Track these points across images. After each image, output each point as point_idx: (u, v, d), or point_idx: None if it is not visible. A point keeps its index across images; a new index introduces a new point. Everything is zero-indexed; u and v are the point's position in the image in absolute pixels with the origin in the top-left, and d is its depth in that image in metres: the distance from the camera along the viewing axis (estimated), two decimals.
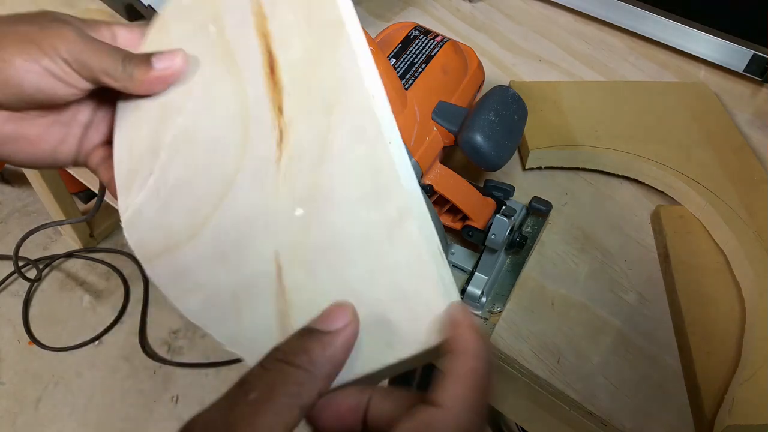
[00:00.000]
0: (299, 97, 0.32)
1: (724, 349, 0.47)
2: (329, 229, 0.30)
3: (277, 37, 0.33)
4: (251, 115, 0.33)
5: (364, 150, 0.30)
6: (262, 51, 0.33)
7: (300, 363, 0.26)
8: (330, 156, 0.30)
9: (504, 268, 0.52)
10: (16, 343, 1.33)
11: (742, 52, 0.68)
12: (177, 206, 0.34)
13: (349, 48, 0.31)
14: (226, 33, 0.35)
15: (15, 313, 1.36)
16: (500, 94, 0.47)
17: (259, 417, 0.25)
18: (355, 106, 0.30)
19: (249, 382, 0.26)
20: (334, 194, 0.30)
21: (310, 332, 0.28)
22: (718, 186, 0.55)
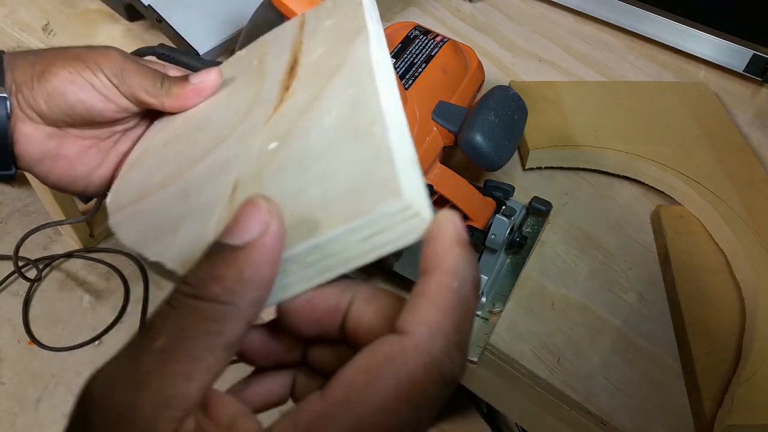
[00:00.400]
0: (307, 77, 0.32)
1: (724, 349, 0.47)
2: (296, 149, 0.28)
3: (305, 50, 0.34)
4: (260, 99, 0.34)
5: (353, 91, 0.28)
6: (289, 61, 0.34)
7: (213, 295, 0.21)
8: (317, 104, 0.29)
9: (504, 268, 0.52)
10: (16, 343, 1.33)
11: (742, 52, 0.68)
12: (161, 171, 0.35)
13: (366, 38, 0.30)
14: (265, 62, 0.36)
15: (15, 313, 1.36)
16: (500, 94, 0.47)
17: (171, 365, 0.21)
18: (356, 68, 0.29)
19: (155, 325, 0.21)
20: (311, 125, 0.28)
21: (221, 250, 0.22)
22: (718, 186, 0.55)
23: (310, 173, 0.26)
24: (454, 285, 0.22)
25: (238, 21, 0.65)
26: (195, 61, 0.59)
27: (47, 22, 0.71)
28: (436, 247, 0.23)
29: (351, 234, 0.23)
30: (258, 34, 0.48)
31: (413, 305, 0.22)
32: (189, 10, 0.65)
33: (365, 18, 0.32)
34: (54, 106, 0.36)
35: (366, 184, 0.24)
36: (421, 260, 0.24)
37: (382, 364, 0.21)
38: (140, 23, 0.71)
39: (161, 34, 0.67)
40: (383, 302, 0.25)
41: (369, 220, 0.23)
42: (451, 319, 0.22)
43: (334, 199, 0.24)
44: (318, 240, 0.24)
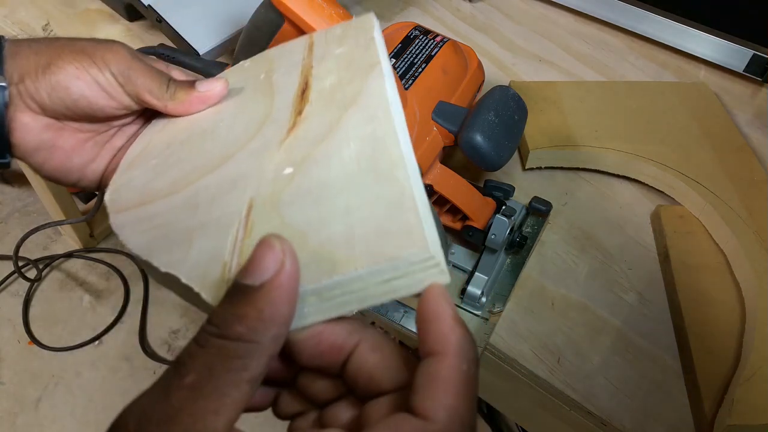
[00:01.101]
0: (320, 104, 0.33)
1: (724, 349, 0.47)
2: (315, 178, 0.28)
3: (316, 75, 0.35)
4: (271, 118, 0.34)
5: (371, 129, 0.29)
6: (299, 83, 0.35)
7: (238, 335, 0.23)
8: (335, 135, 0.30)
9: (504, 268, 0.52)
10: (16, 343, 1.33)
11: (742, 52, 0.68)
12: (166, 176, 0.34)
13: (380, 74, 0.31)
14: (273, 79, 0.37)
15: (15, 313, 1.36)
16: (500, 94, 0.47)
17: (200, 401, 0.22)
18: (373, 104, 0.30)
19: (184, 363, 0.23)
20: (330, 156, 0.29)
21: (240, 291, 0.23)
22: (718, 186, 0.55)
23: (332, 206, 0.27)
24: (464, 367, 0.24)
25: (238, 21, 0.65)
26: (195, 61, 0.59)
27: (47, 22, 0.71)
28: (439, 328, 0.24)
29: (373, 276, 0.25)
30: (258, 34, 0.48)
31: (429, 389, 0.23)
32: (189, 10, 0.65)
33: (378, 53, 0.33)
34: (56, 99, 0.36)
35: (391, 229, 0.25)
36: (423, 338, 0.24)
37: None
38: (140, 23, 0.71)
39: (161, 34, 0.67)
40: (388, 352, 0.26)
41: (392, 266, 0.24)
42: (467, 402, 0.24)
43: (359, 239, 0.25)
44: (342, 278, 0.25)
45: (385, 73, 0.31)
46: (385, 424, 0.23)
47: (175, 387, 0.22)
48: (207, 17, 0.65)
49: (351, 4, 0.77)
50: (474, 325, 0.49)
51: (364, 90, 0.31)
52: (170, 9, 0.65)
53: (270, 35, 0.48)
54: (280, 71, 0.37)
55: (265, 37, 0.48)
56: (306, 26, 0.44)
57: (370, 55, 0.33)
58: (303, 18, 0.44)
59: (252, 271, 0.23)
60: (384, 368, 0.26)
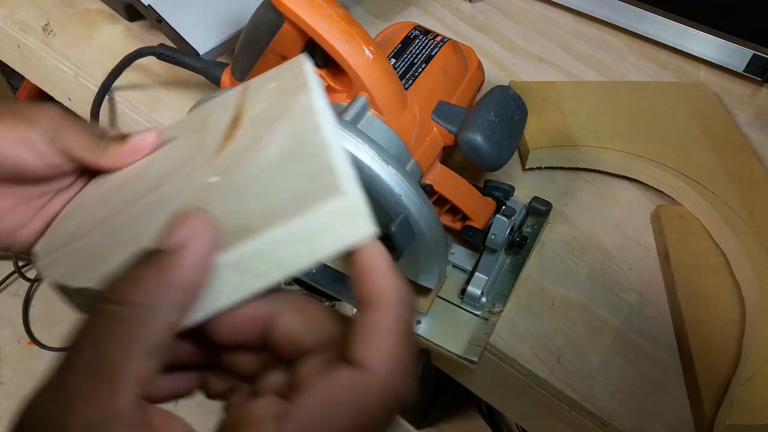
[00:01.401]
0: (250, 126, 0.32)
1: (724, 349, 0.47)
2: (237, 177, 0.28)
3: (248, 107, 0.34)
4: (202, 147, 0.33)
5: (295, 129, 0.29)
6: (232, 116, 0.34)
7: (130, 297, 0.21)
8: (261, 142, 0.29)
9: (504, 268, 0.52)
10: (16, 343, 1.33)
11: (742, 52, 0.68)
12: (94, 216, 0.34)
13: (307, 91, 0.31)
14: (208, 121, 0.36)
15: (15, 313, 1.36)
16: (500, 94, 0.47)
17: (95, 384, 0.20)
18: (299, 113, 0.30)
19: (75, 342, 0.21)
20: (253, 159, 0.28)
21: (147, 256, 0.22)
22: (718, 186, 0.55)
23: (252, 192, 0.26)
24: (402, 316, 0.23)
25: (238, 21, 0.65)
26: (195, 61, 0.59)
27: (47, 22, 0.71)
28: (374, 278, 0.24)
29: (290, 237, 0.23)
30: (258, 34, 0.48)
31: (367, 338, 0.23)
32: (189, 10, 0.65)
33: (306, 77, 0.32)
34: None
35: (306, 191, 0.24)
36: (358, 289, 0.24)
37: (344, 397, 0.22)
38: (140, 23, 0.71)
39: (161, 34, 0.67)
40: (311, 312, 0.26)
41: (309, 221, 0.23)
42: (405, 349, 0.23)
43: (274, 207, 0.24)
44: (256, 243, 0.23)
45: (312, 90, 0.31)
46: (323, 380, 0.22)
47: (69, 371, 0.20)
48: (207, 17, 0.65)
49: (351, 4, 0.77)
50: (474, 325, 0.49)
51: (290, 106, 0.31)
52: (170, 9, 0.65)
53: (270, 35, 0.48)
54: (214, 114, 0.36)
55: (265, 37, 0.48)
56: (306, 26, 0.44)
57: (298, 82, 0.32)
58: (303, 18, 0.44)
59: (165, 237, 0.22)
60: (309, 328, 0.25)
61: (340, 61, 0.44)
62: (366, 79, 0.44)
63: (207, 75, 0.58)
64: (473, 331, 0.49)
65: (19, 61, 0.74)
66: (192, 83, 0.65)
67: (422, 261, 0.44)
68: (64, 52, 0.68)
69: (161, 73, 0.66)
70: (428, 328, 0.49)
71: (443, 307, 0.51)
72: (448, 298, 0.51)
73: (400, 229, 0.40)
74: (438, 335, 0.49)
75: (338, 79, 0.47)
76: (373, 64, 0.44)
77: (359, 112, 0.44)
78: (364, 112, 0.44)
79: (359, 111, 0.44)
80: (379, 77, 0.44)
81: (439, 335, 0.49)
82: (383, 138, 0.44)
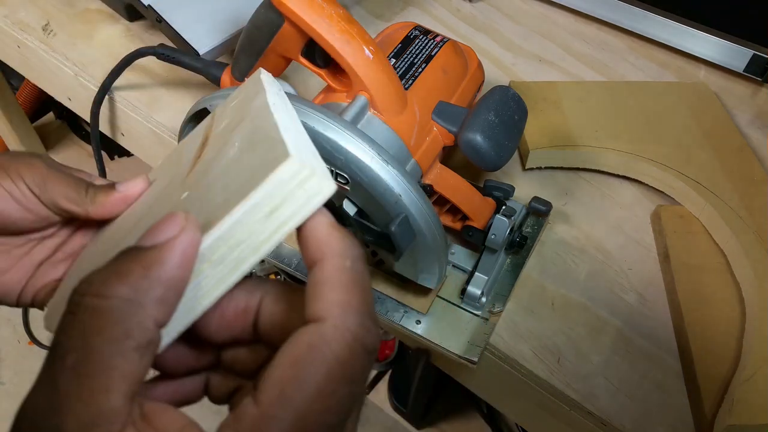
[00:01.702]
0: (215, 141, 0.32)
1: (724, 349, 0.47)
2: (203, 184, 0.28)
3: (214, 128, 0.34)
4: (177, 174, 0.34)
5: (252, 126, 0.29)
6: (201, 141, 0.34)
7: (116, 292, 0.21)
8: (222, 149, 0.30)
9: (504, 268, 0.52)
10: (16, 343, 1.33)
11: (742, 52, 0.68)
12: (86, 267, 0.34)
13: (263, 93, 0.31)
14: (182, 152, 0.36)
15: (15, 313, 1.36)
16: (500, 94, 0.47)
17: (86, 382, 0.20)
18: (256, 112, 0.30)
19: (61, 342, 0.20)
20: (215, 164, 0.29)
21: (131, 251, 0.22)
22: (718, 186, 0.55)
23: (214, 191, 0.26)
24: (347, 264, 0.23)
25: (238, 21, 0.65)
26: (195, 61, 0.59)
27: (47, 22, 0.71)
28: (315, 236, 0.24)
29: (251, 215, 0.23)
30: (258, 34, 0.48)
31: (317, 293, 0.23)
32: (189, 10, 0.65)
33: (263, 83, 0.33)
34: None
35: (259, 169, 0.24)
36: (305, 253, 0.24)
37: (306, 353, 0.22)
38: (140, 23, 0.71)
39: (161, 34, 0.67)
40: (293, 297, 0.26)
41: (265, 193, 0.23)
42: (357, 295, 0.23)
43: (233, 194, 0.24)
44: (220, 229, 0.23)
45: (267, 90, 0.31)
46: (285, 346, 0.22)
47: (58, 372, 0.20)
48: (207, 17, 0.65)
49: (351, 4, 0.77)
50: (474, 325, 0.49)
51: (249, 110, 0.31)
52: (170, 9, 0.65)
53: (270, 35, 0.48)
54: (188, 146, 0.37)
55: (265, 37, 0.48)
56: (306, 26, 0.44)
57: (255, 90, 0.33)
58: (303, 18, 0.44)
59: (149, 235, 0.23)
60: (294, 313, 0.25)
61: (340, 61, 0.44)
62: (366, 79, 0.44)
63: (207, 75, 0.58)
64: (473, 331, 0.49)
65: (19, 61, 0.74)
66: (192, 83, 0.65)
67: (422, 261, 0.44)
68: (64, 52, 0.68)
69: (161, 73, 0.66)
70: (428, 328, 0.49)
71: (443, 307, 0.51)
72: (448, 298, 0.51)
73: (400, 229, 0.40)
74: (438, 335, 0.49)
75: (338, 79, 0.47)
76: (373, 64, 0.44)
77: (359, 112, 0.44)
78: (364, 112, 0.44)
79: (359, 111, 0.44)
80: (379, 77, 0.44)
81: (439, 335, 0.49)
82: (383, 138, 0.44)
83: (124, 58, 0.61)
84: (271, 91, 0.32)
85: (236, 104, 0.35)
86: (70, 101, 0.72)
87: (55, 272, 0.37)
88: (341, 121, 0.39)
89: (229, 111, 0.35)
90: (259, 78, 0.35)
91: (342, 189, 0.40)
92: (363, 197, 0.41)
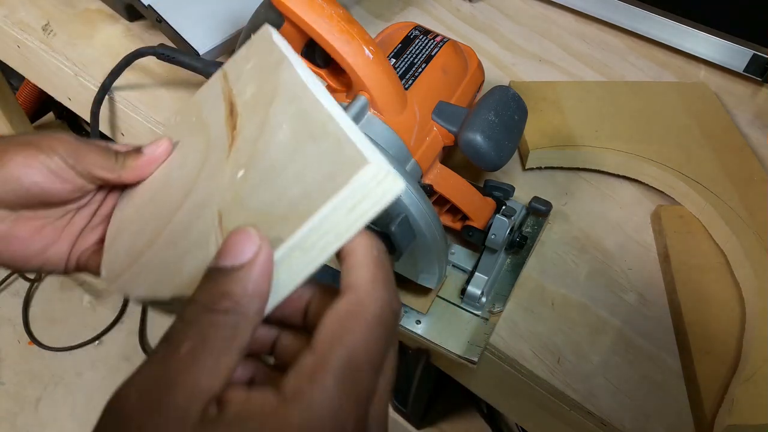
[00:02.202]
0: (248, 113, 0.34)
1: (724, 349, 0.47)
2: (262, 167, 0.31)
3: (237, 93, 0.36)
4: (212, 145, 0.35)
5: (295, 107, 0.31)
6: (225, 107, 0.36)
7: (226, 308, 0.26)
8: (267, 127, 0.32)
9: (504, 268, 0.52)
10: (16, 343, 1.33)
11: (742, 52, 0.68)
12: (144, 233, 0.36)
13: (288, 65, 0.33)
14: (202, 117, 0.38)
15: (15, 313, 1.36)
16: (500, 94, 0.47)
17: (198, 365, 0.24)
18: (291, 88, 0.32)
19: (176, 337, 0.25)
20: (268, 145, 0.31)
21: (222, 272, 0.26)
22: (718, 186, 0.55)
23: (284, 180, 0.29)
24: (375, 253, 0.28)
25: (238, 21, 0.65)
26: (195, 61, 0.59)
27: (47, 22, 0.71)
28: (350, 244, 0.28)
29: (338, 209, 0.27)
30: None
31: (351, 272, 0.28)
32: (189, 10, 0.65)
33: (281, 50, 0.34)
34: (9, 191, 0.36)
35: (337, 167, 0.28)
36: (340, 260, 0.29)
37: (348, 312, 0.26)
38: (140, 23, 0.72)
39: (161, 34, 0.67)
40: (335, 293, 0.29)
41: (349, 191, 0.27)
42: (383, 273, 0.28)
43: (313, 189, 0.28)
44: (312, 221, 0.27)
45: (293, 62, 0.33)
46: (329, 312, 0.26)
47: (171, 357, 0.25)
48: (207, 17, 0.65)
49: (351, 4, 0.77)
50: (474, 325, 0.49)
51: (280, 83, 0.33)
52: (170, 9, 0.65)
53: None
54: (206, 109, 0.38)
55: None
56: (306, 26, 0.44)
57: (275, 56, 0.34)
58: (303, 18, 0.44)
59: (231, 254, 0.27)
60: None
61: (340, 61, 0.44)
62: (366, 79, 0.44)
63: (207, 75, 0.58)
64: (473, 331, 0.49)
65: (19, 61, 0.74)
66: (192, 83, 0.65)
67: (422, 261, 0.44)
68: (64, 52, 0.68)
69: (161, 73, 0.66)
70: (428, 328, 0.49)
71: (443, 307, 0.51)
72: (448, 298, 0.51)
73: (400, 229, 0.40)
74: (438, 335, 0.49)
75: (338, 79, 0.47)
76: (373, 64, 0.44)
77: (359, 112, 0.44)
78: (364, 112, 0.44)
79: (359, 111, 0.44)
80: (379, 77, 0.44)
81: (439, 335, 0.49)
82: (383, 138, 0.44)
83: (124, 58, 0.61)
84: (295, 61, 0.33)
85: (254, 69, 0.36)
86: (70, 101, 0.72)
87: (93, 236, 0.41)
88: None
89: (248, 74, 0.36)
90: (271, 39, 0.35)
91: None
92: None
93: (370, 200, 0.27)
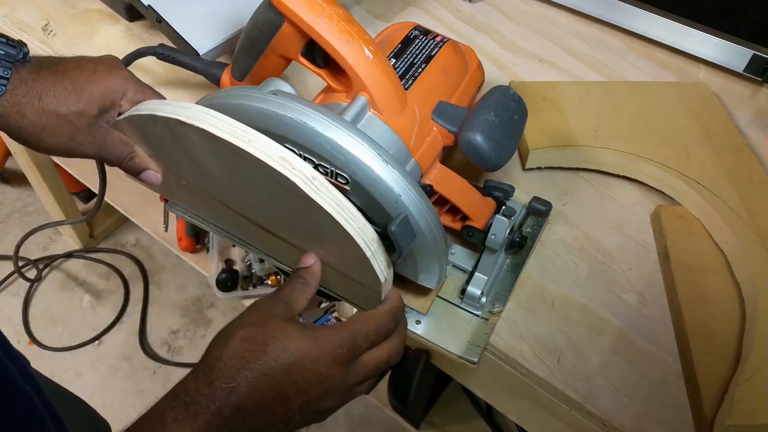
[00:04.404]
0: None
1: (724, 349, 0.47)
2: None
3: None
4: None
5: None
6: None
7: (303, 278, 0.44)
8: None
9: (504, 268, 0.52)
10: (16, 343, 1.33)
11: (742, 52, 0.68)
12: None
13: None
14: None
15: (15, 313, 1.36)
16: (500, 94, 0.47)
17: (292, 297, 0.43)
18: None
19: (277, 290, 0.44)
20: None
21: (299, 269, 0.45)
22: (718, 186, 0.55)
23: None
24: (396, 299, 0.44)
25: (238, 21, 0.65)
26: (195, 61, 0.59)
27: (47, 22, 0.71)
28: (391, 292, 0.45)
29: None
30: (258, 34, 0.48)
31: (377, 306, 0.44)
32: (189, 10, 0.65)
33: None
34: (108, 102, 0.47)
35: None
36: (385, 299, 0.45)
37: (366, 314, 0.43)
38: (140, 23, 0.72)
39: (161, 34, 0.67)
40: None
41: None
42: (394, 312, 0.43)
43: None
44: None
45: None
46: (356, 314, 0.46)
47: (274, 296, 0.43)
48: (207, 17, 0.65)
49: (351, 4, 0.77)
50: (474, 325, 0.49)
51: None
52: (170, 9, 0.65)
53: (270, 35, 0.48)
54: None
55: (265, 37, 0.48)
56: (306, 26, 0.44)
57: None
58: (303, 18, 0.44)
59: (303, 262, 0.45)
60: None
61: (340, 61, 0.44)
62: (366, 79, 0.44)
63: (207, 75, 0.58)
64: (473, 331, 0.49)
65: None
66: (192, 83, 0.65)
67: (422, 261, 0.44)
68: (64, 52, 0.68)
69: (161, 73, 0.66)
70: (428, 328, 0.49)
71: (443, 307, 0.51)
72: (448, 298, 0.51)
73: (400, 229, 0.40)
74: (438, 335, 0.49)
75: (338, 79, 0.47)
76: (373, 64, 0.44)
77: (359, 112, 0.44)
78: (364, 112, 0.44)
79: (359, 111, 0.44)
80: (379, 77, 0.44)
81: (439, 335, 0.49)
82: (383, 138, 0.44)
83: (124, 58, 0.61)
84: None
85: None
86: None
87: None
88: (341, 121, 0.39)
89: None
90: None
91: (342, 189, 0.40)
92: (363, 197, 0.41)
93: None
